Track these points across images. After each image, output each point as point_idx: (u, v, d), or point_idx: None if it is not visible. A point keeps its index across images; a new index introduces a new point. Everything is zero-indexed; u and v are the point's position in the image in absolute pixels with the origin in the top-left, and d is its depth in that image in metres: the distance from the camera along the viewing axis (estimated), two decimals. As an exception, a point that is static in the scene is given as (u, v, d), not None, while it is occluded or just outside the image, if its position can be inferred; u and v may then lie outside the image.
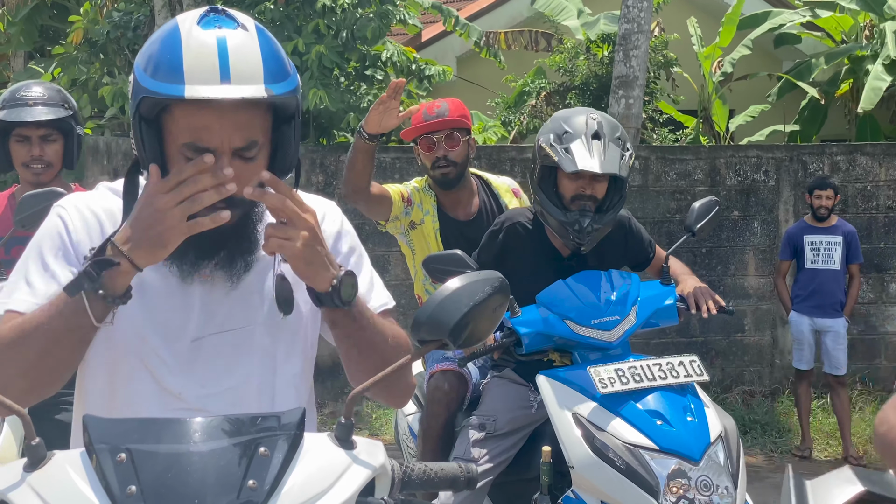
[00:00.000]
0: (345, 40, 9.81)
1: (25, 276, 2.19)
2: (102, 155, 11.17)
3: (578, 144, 4.07)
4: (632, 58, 10.38)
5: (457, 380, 4.66)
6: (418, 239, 5.10)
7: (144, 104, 2.07)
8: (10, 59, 16.78)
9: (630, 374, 3.88)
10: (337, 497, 1.76)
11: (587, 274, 4.22)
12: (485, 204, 5.15)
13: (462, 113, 5.03)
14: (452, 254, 4.13)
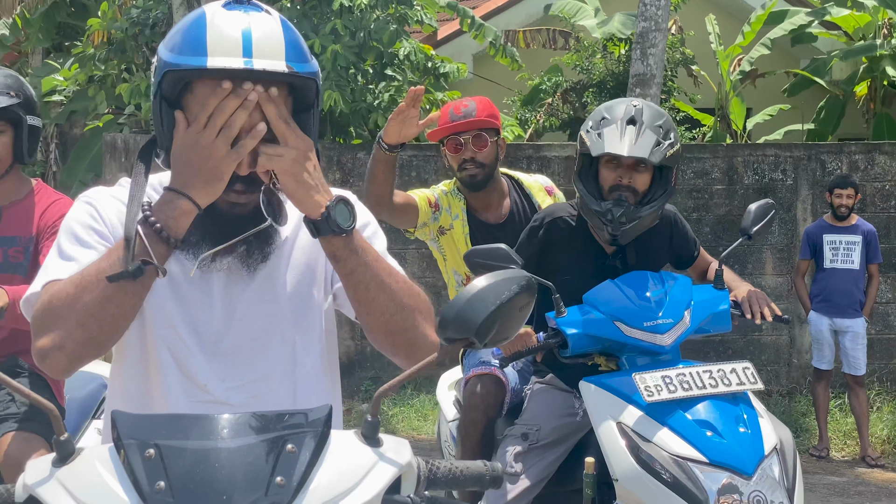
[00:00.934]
0: (362, 41, 9.81)
1: (60, 254, 2.19)
2: (120, 152, 11.19)
3: (612, 129, 3.95)
4: (649, 56, 10.35)
5: (494, 384, 4.47)
6: (448, 244, 4.92)
7: (167, 82, 2.11)
8: (28, 57, 16.84)
9: (678, 382, 3.67)
10: (363, 494, 1.76)
11: (638, 274, 4.05)
12: (516, 205, 4.95)
13: (490, 112, 4.84)
14: (497, 248, 3.94)
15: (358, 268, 2.16)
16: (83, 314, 2.03)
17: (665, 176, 4.01)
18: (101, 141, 12.26)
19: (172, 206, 2.09)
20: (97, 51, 11.67)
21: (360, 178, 9.82)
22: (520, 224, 4.75)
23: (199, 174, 2.08)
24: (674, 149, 3.98)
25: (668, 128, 3.98)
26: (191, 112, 2.13)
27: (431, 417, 9.12)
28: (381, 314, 2.18)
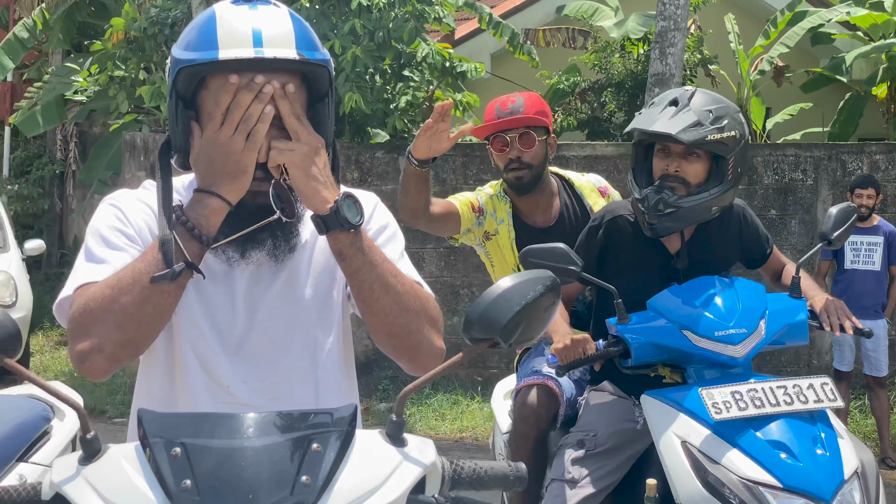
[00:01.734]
0: (381, 41, 9.81)
1: (90, 258, 2.21)
2: (140, 151, 11.23)
3: (652, 109, 3.77)
4: (668, 55, 10.32)
5: (546, 395, 4.18)
6: (494, 250, 4.69)
7: (181, 80, 2.15)
8: (48, 56, 16.91)
9: (749, 398, 3.38)
10: (388, 494, 1.77)
11: (708, 279, 3.77)
12: (566, 207, 4.66)
13: (539, 109, 4.53)
14: (555, 247, 3.71)
15: (363, 267, 2.17)
16: (121, 316, 2.05)
17: (720, 166, 3.76)
18: (120, 140, 12.30)
19: (202, 204, 2.12)
20: (116, 49, 11.70)
21: (378, 177, 9.83)
22: (570, 227, 4.53)
23: (224, 171, 2.11)
24: (722, 135, 3.71)
25: (721, 114, 3.73)
26: (206, 108, 2.17)
27: (450, 416, 9.12)
28: (384, 315, 2.19)
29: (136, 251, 2.20)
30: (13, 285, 11.01)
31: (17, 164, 17.83)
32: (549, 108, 4.65)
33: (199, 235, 2.11)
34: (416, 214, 4.40)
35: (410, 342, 2.23)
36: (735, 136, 3.74)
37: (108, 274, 2.13)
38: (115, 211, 2.27)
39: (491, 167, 9.92)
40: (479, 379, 9.77)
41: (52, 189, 17.48)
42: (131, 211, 2.28)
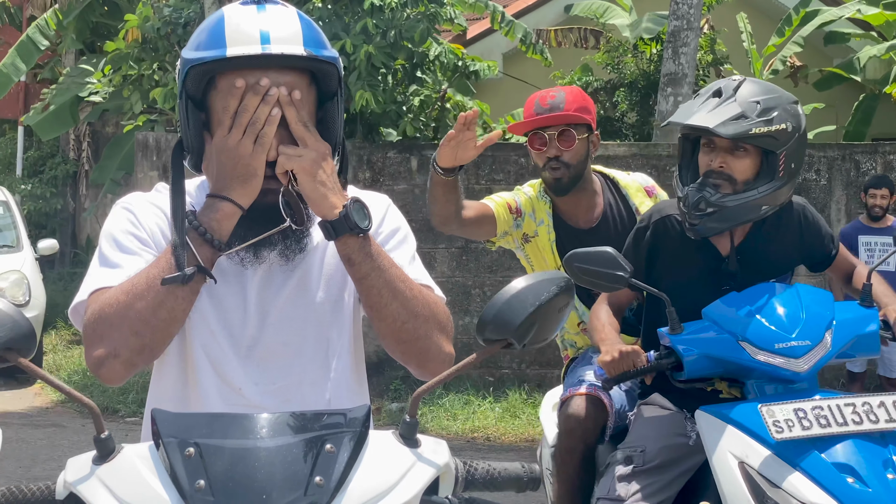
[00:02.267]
0: (393, 40, 9.82)
1: (103, 262, 2.22)
2: (152, 150, 11.26)
3: (693, 100, 3.56)
4: (681, 55, 10.32)
5: (594, 406, 3.90)
6: (534, 253, 4.41)
7: (191, 80, 2.16)
8: (61, 56, 16.96)
9: (814, 417, 3.12)
10: (402, 495, 1.77)
11: (768, 286, 3.49)
12: (610, 207, 4.37)
13: (581, 105, 4.25)
14: (602, 251, 3.44)
15: (372, 272, 2.17)
16: (137, 321, 2.07)
17: (770, 161, 3.46)
18: (132, 139, 12.33)
19: (215, 209, 2.13)
20: (129, 49, 11.73)
21: (390, 177, 9.84)
22: (614, 229, 4.28)
23: (234, 175, 2.12)
24: (771, 128, 3.42)
25: (770, 105, 3.46)
26: (216, 108, 2.18)
27: (461, 417, 9.12)
28: (392, 321, 2.20)
29: (149, 255, 2.21)
30: (26, 284, 11.06)
31: (31, 164, 17.90)
32: (592, 104, 4.39)
33: (211, 240, 2.12)
34: (447, 221, 4.21)
35: (419, 348, 2.24)
36: (786, 129, 3.46)
37: (122, 279, 2.14)
38: (127, 215, 2.28)
39: (504, 168, 9.94)
40: (490, 379, 9.77)
41: (65, 189, 17.54)
42: (143, 214, 2.28)
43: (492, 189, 9.84)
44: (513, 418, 9.09)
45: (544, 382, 9.72)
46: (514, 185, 4.69)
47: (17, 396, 10.09)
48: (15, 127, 18.37)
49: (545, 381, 9.73)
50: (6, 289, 10.81)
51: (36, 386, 10.37)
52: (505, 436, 8.81)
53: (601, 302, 3.83)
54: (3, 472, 7.51)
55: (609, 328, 3.69)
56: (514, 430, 8.89)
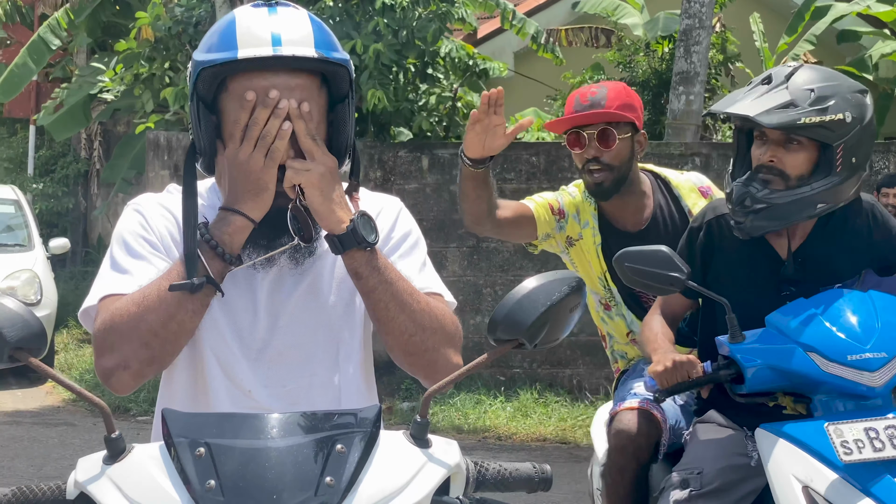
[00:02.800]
0: (404, 40, 9.82)
1: (114, 267, 2.23)
2: (163, 150, 11.28)
3: (743, 89, 3.30)
4: (693, 54, 10.30)
5: (646, 421, 3.62)
6: (578, 258, 4.12)
7: (202, 82, 2.17)
8: (73, 55, 16.99)
9: (887, 437, 2.87)
10: (412, 495, 1.76)
11: (839, 292, 3.22)
12: (661, 209, 4.06)
13: (624, 102, 3.95)
14: (657, 250, 3.20)
15: (379, 286, 2.18)
16: (147, 333, 2.09)
17: (827, 155, 3.17)
18: (144, 139, 12.35)
19: (226, 222, 2.14)
20: (140, 48, 11.75)
21: (401, 176, 9.83)
22: (665, 232, 3.96)
23: (245, 189, 2.14)
24: (824, 118, 3.13)
25: (826, 93, 3.16)
26: (226, 111, 2.18)
27: (472, 416, 9.11)
28: (399, 334, 2.21)
29: (158, 260, 2.22)
30: (38, 283, 11.09)
31: (42, 163, 17.95)
32: (638, 100, 4.11)
33: (222, 254, 2.14)
34: (479, 220, 3.96)
35: (426, 360, 2.25)
36: (844, 119, 3.16)
37: (132, 285, 2.16)
38: (138, 218, 2.28)
39: (515, 167, 9.92)
40: (501, 378, 9.76)
41: (77, 188, 17.59)
42: (154, 217, 2.29)
43: (503, 189, 9.85)
44: (524, 417, 9.09)
45: (555, 382, 9.72)
46: (526, 185, 4.62)
47: (28, 395, 10.12)
48: (27, 126, 18.42)
49: (556, 381, 9.72)
50: (18, 287, 10.84)
51: (47, 385, 10.39)
52: (516, 435, 8.81)
53: (654, 312, 3.58)
54: (15, 470, 7.53)
55: (662, 338, 3.43)
56: (525, 430, 8.88)
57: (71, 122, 14.82)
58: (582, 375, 9.67)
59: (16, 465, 7.71)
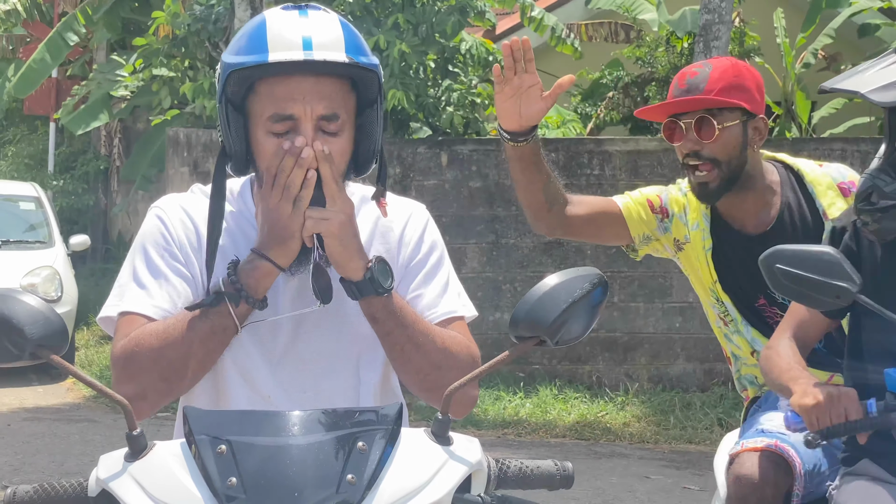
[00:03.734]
0: (424, 35, 9.81)
1: (135, 278, 2.24)
2: (183, 147, 11.30)
3: (874, 61, 2.70)
4: (712, 49, 10.25)
5: (774, 467, 2.92)
6: (688, 263, 3.51)
7: (231, 85, 2.16)
8: (92, 52, 17.05)
9: None
10: (434, 493, 1.76)
11: None
12: (789, 208, 3.38)
13: (730, 83, 3.29)
14: (822, 252, 2.56)
15: (395, 329, 2.20)
16: (167, 368, 2.14)
17: None
18: (164, 136, 12.38)
19: (254, 266, 2.16)
20: (160, 45, 11.78)
21: (420, 173, 9.83)
22: (792, 236, 3.27)
23: (273, 236, 2.15)
24: None
25: None
26: (254, 113, 2.18)
27: (492, 412, 9.10)
28: (416, 373, 2.23)
29: (178, 279, 2.22)
30: (59, 280, 11.13)
31: (63, 160, 18.02)
32: (753, 79, 3.40)
33: (246, 297, 2.15)
34: (539, 215, 3.37)
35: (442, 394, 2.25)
36: None
37: (151, 306, 2.19)
38: (159, 226, 2.28)
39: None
40: (521, 375, 9.75)
41: (97, 184, 17.66)
42: (175, 224, 2.28)
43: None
44: (543, 414, 9.07)
45: (575, 378, 9.71)
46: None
47: (49, 392, 10.16)
48: (47, 123, 18.50)
49: (576, 377, 9.71)
50: (39, 284, 10.89)
51: (68, 381, 10.42)
52: (536, 432, 8.79)
53: (782, 334, 2.90)
54: (36, 466, 7.56)
55: (799, 364, 2.78)
56: (544, 426, 8.87)
57: (90, 117, 14.86)
58: (601, 371, 9.65)
59: (37, 461, 7.75)
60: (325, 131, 2.16)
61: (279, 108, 2.14)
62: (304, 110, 2.14)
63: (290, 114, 2.14)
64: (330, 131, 2.16)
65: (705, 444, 8.61)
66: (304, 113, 2.14)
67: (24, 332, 1.83)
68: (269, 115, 2.15)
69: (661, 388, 9.58)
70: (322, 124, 2.15)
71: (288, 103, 2.14)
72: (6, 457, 7.84)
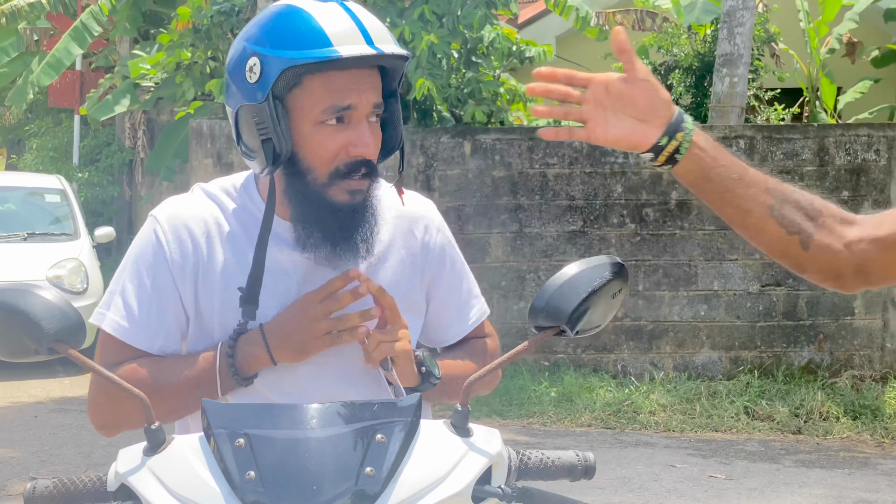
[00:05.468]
0: (450, 27, 9.78)
1: (122, 293, 2.21)
2: (206, 138, 11.31)
3: None
4: (736, 35, 10.19)
5: None
6: None
7: (281, 80, 2.06)
8: (115, 44, 17.09)
9: None
10: (454, 485, 1.75)
11: None
12: None
13: None
14: None
15: (441, 396, 2.26)
16: None
17: None
18: (187, 127, 12.41)
19: (252, 349, 2.14)
20: (183, 37, 11.80)
21: (443, 162, 9.80)
22: None
23: (290, 339, 2.13)
24: None
25: None
26: (300, 109, 2.10)
27: (516, 402, 9.09)
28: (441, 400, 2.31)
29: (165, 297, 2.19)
30: (84, 272, 11.19)
31: (87, 152, 18.09)
32: None
33: (234, 374, 2.14)
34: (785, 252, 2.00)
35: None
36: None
37: (135, 336, 2.17)
38: (154, 242, 2.21)
39: (558, 152, 9.86)
40: (545, 364, 9.73)
41: (121, 176, 17.72)
42: (169, 239, 2.20)
43: (545, 175, 9.81)
44: (568, 403, 9.05)
45: (600, 367, 9.67)
46: (568, 169, 3.25)
47: (76, 383, 10.21)
48: (71, 116, 18.57)
49: (601, 366, 9.68)
50: (64, 276, 10.94)
51: (95, 372, 10.47)
52: (561, 421, 8.77)
53: None
54: (63, 458, 7.61)
55: None
56: (569, 416, 8.84)
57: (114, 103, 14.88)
58: (626, 360, 9.62)
59: (63, 453, 7.79)
60: (375, 118, 2.14)
61: (337, 99, 2.08)
62: (360, 100, 2.09)
63: (347, 104, 2.08)
64: (378, 116, 2.15)
65: (731, 432, 8.57)
66: (360, 102, 2.09)
67: (41, 327, 1.82)
68: (325, 107, 2.08)
69: (687, 376, 9.54)
70: (373, 113, 2.13)
71: (345, 94, 2.08)
72: (33, 448, 7.89)
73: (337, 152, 2.10)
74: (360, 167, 2.11)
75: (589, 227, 9.60)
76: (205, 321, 2.21)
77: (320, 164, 2.11)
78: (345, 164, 2.10)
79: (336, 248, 2.14)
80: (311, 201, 2.12)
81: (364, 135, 2.10)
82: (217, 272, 2.18)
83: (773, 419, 8.79)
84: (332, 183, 2.11)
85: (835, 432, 8.60)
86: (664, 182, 9.48)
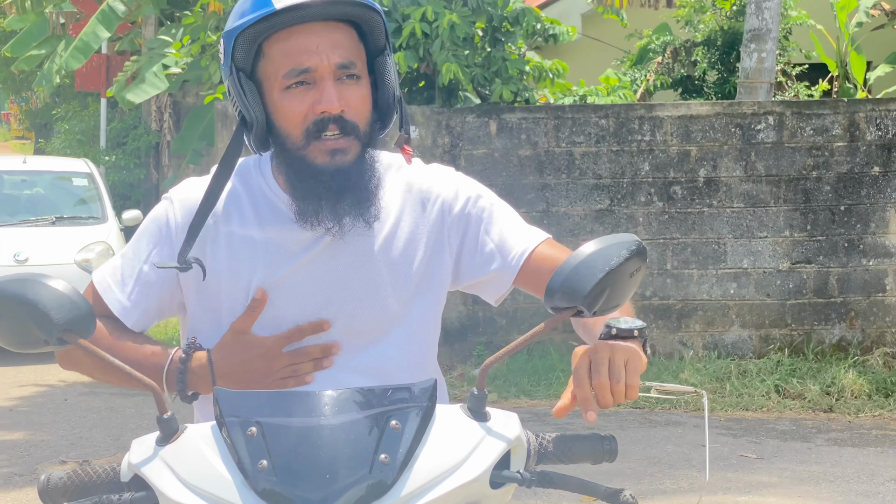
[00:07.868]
0: (474, 6, 9.71)
1: (122, 256, 2.28)
2: (232, 120, 11.30)
3: None
4: (764, 10, 10.08)
5: None
6: None
7: (238, 51, 2.10)
8: (140, 27, 17.12)
9: None
10: (471, 471, 1.72)
11: None
12: None
13: None
14: None
15: None
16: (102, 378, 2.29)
17: None
18: (213, 109, 12.41)
19: (202, 371, 2.17)
20: (208, 20, 11.79)
21: (469, 142, 9.75)
22: None
23: (240, 376, 2.15)
24: None
25: None
26: (267, 78, 2.13)
27: (544, 382, 9.05)
28: None
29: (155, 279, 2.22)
30: (112, 255, 11.22)
31: (114, 136, 18.16)
32: None
33: (181, 387, 2.17)
34: None
35: None
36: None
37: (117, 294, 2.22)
38: (160, 216, 2.27)
39: (584, 130, 9.80)
40: (574, 344, 9.66)
41: (148, 159, 17.78)
42: (177, 214, 2.24)
43: (571, 153, 9.74)
44: (597, 382, 8.99)
45: (628, 346, 9.61)
46: (595, 147, 3.56)
47: (105, 366, 10.26)
48: (98, 100, 18.63)
49: (629, 345, 9.61)
50: (93, 260, 11.00)
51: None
52: (588, 401, 8.72)
53: None
54: (93, 440, 7.64)
55: None
56: (597, 395, 8.78)
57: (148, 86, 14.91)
58: (655, 339, 9.55)
59: (93, 436, 7.83)
60: (345, 78, 2.11)
61: (295, 62, 2.09)
62: (320, 61, 2.09)
63: (306, 67, 2.09)
64: (351, 75, 2.12)
65: (762, 411, 8.51)
66: (321, 63, 2.09)
67: (50, 317, 1.79)
68: (285, 72, 2.10)
69: (717, 355, 9.47)
70: (340, 73, 2.11)
71: (303, 56, 2.09)
72: (63, 431, 7.94)
73: (305, 113, 2.10)
74: (327, 124, 2.10)
75: (616, 205, 9.53)
76: (211, 296, 2.22)
77: (293, 128, 2.12)
78: (313, 122, 2.10)
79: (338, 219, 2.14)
80: (295, 168, 2.14)
81: (326, 91, 2.08)
82: (223, 247, 2.20)
83: (804, 398, 8.72)
84: (307, 144, 2.12)
85: (866, 410, 8.52)
86: (692, 159, 9.40)
